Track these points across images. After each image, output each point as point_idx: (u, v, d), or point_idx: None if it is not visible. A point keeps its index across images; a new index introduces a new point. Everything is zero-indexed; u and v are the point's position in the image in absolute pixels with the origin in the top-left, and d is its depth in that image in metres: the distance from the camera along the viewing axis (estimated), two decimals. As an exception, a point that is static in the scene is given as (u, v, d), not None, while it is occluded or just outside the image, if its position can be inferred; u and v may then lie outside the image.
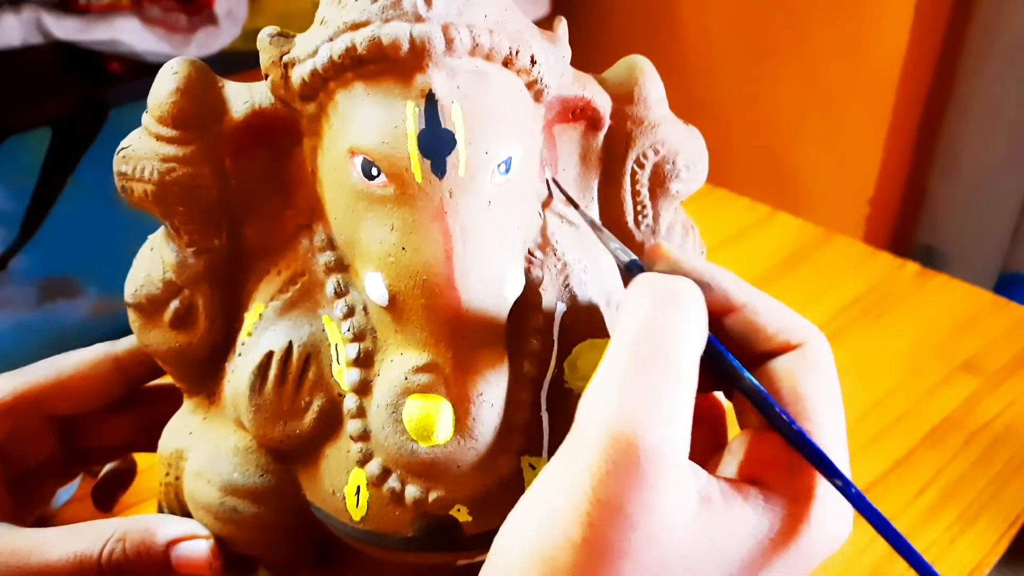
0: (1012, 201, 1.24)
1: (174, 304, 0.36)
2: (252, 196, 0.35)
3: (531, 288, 0.35)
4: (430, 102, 0.30)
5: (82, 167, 1.26)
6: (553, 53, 0.34)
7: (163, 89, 0.34)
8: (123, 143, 0.35)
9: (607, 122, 0.37)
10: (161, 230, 0.37)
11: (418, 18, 0.30)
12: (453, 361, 0.32)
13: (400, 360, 0.32)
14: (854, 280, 0.82)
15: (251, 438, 0.36)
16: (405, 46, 0.30)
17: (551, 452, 0.34)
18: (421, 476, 0.33)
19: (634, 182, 0.38)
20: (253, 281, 0.36)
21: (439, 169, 0.30)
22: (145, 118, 0.34)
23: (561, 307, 0.36)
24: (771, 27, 1.29)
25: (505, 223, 0.32)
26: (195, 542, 0.36)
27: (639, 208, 0.38)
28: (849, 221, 1.28)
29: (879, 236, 1.31)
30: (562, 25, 0.35)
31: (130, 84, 1.21)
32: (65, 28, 1.15)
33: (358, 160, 0.31)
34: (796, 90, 1.29)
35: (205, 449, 0.37)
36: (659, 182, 0.38)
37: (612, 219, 0.38)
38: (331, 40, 0.31)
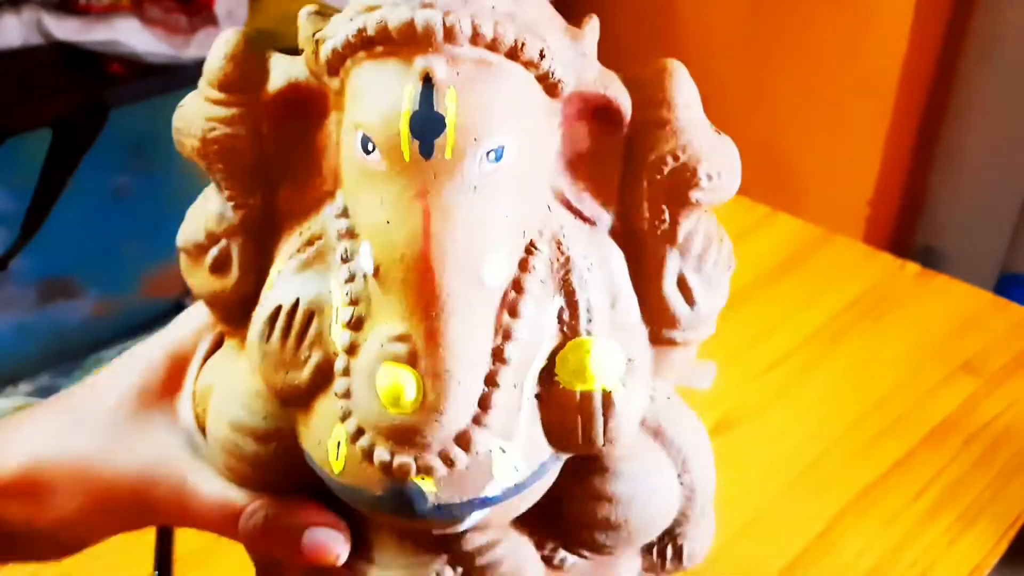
0: (1012, 201, 1.24)
1: (213, 252, 0.39)
2: (286, 161, 0.37)
3: (526, 278, 0.35)
4: (427, 85, 0.31)
5: (82, 167, 1.26)
6: (572, 48, 0.34)
7: (215, 56, 0.36)
8: (182, 101, 0.38)
9: (628, 122, 0.37)
10: (212, 185, 0.40)
11: (423, 4, 0.31)
12: (425, 334, 0.33)
13: (382, 328, 0.34)
14: (854, 281, 0.82)
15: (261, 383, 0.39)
16: (408, 29, 0.31)
17: (526, 438, 0.36)
18: (389, 440, 0.34)
19: (651, 187, 0.37)
20: (283, 239, 0.39)
21: (426, 150, 0.32)
22: (201, 81, 0.37)
23: (559, 300, 0.36)
24: (771, 28, 1.29)
25: (493, 210, 0.33)
26: (330, 531, 0.38)
27: (656, 214, 0.38)
28: (849, 221, 1.28)
29: (879, 236, 1.31)
30: (591, 22, 0.35)
31: (130, 85, 1.21)
32: (65, 29, 1.15)
33: (359, 134, 0.33)
34: (796, 90, 1.29)
35: (226, 387, 0.40)
36: (677, 189, 0.37)
37: (629, 223, 0.38)
38: (351, 20, 0.33)
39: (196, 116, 0.37)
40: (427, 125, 0.32)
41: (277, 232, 0.39)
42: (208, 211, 0.39)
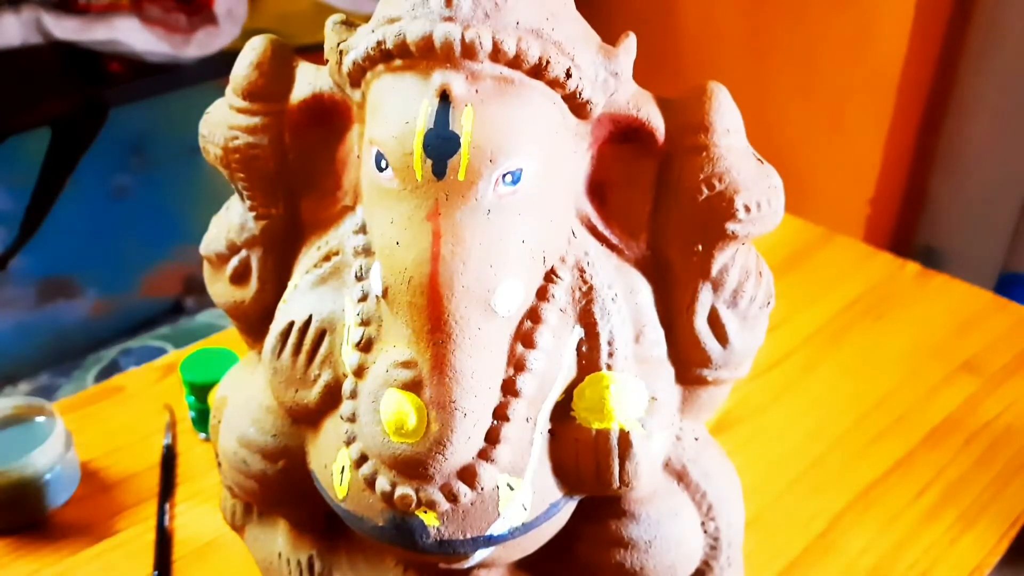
0: (1012, 201, 1.24)
1: (234, 262, 0.39)
2: (308, 172, 0.37)
3: (544, 306, 0.34)
4: (444, 101, 0.30)
5: (81, 167, 1.26)
6: (604, 67, 0.32)
7: (242, 63, 0.36)
8: (209, 108, 0.38)
9: (661, 146, 0.35)
10: (236, 194, 0.39)
11: (444, 18, 0.30)
12: (432, 362, 0.31)
13: (390, 352, 0.33)
14: (854, 280, 0.82)
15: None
16: (426, 44, 0.30)
17: (536, 475, 0.34)
18: (392, 469, 0.33)
19: (684, 216, 0.35)
20: (302, 252, 0.38)
21: (439, 170, 0.30)
22: (228, 88, 0.37)
23: (579, 331, 0.35)
24: (771, 27, 1.28)
25: (508, 235, 0.32)
26: None
27: (688, 245, 0.35)
28: (849, 221, 1.28)
29: (879, 236, 1.31)
30: (627, 40, 0.33)
31: (130, 84, 1.21)
32: (65, 28, 1.15)
33: (374, 151, 0.32)
34: (796, 90, 1.29)
35: (239, 400, 0.40)
36: (712, 219, 0.35)
37: (659, 253, 0.36)
38: (372, 32, 0.32)
39: (220, 124, 0.36)
40: (441, 144, 0.30)
41: (298, 244, 0.38)
42: (230, 221, 0.39)
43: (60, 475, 0.56)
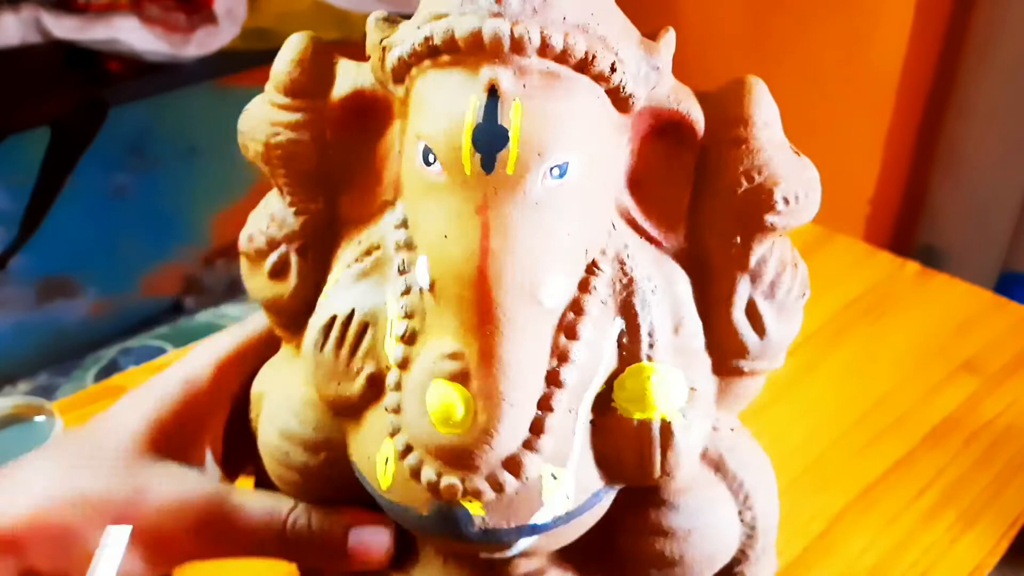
0: (1012, 201, 1.24)
1: (272, 257, 0.39)
2: (349, 168, 0.37)
3: (586, 298, 0.34)
4: (492, 96, 0.31)
5: (81, 166, 1.26)
6: (646, 62, 0.33)
7: (283, 59, 0.36)
8: (248, 104, 0.38)
9: (700, 140, 0.35)
10: (275, 189, 0.39)
11: (492, 14, 0.31)
12: (479, 354, 0.32)
13: (435, 344, 0.33)
14: (854, 280, 0.82)
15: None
16: (475, 39, 0.30)
17: (579, 465, 0.34)
18: (437, 459, 0.33)
19: (723, 208, 0.36)
20: (342, 247, 0.38)
21: (488, 164, 0.31)
22: (268, 84, 0.37)
23: (619, 323, 0.35)
24: (771, 27, 1.29)
25: (555, 228, 0.32)
26: (376, 529, 0.38)
27: (726, 237, 0.36)
28: (849, 221, 1.28)
29: (879, 236, 1.31)
30: (667, 35, 0.34)
31: (129, 83, 1.21)
32: (64, 27, 1.15)
33: (421, 145, 0.32)
34: (796, 90, 1.29)
35: (278, 395, 0.40)
36: (751, 212, 0.35)
37: (697, 246, 0.36)
38: (418, 28, 0.32)
39: (261, 121, 0.37)
40: (490, 138, 0.31)
41: (337, 239, 0.38)
42: (269, 216, 0.39)
43: (59, 475, 0.56)
